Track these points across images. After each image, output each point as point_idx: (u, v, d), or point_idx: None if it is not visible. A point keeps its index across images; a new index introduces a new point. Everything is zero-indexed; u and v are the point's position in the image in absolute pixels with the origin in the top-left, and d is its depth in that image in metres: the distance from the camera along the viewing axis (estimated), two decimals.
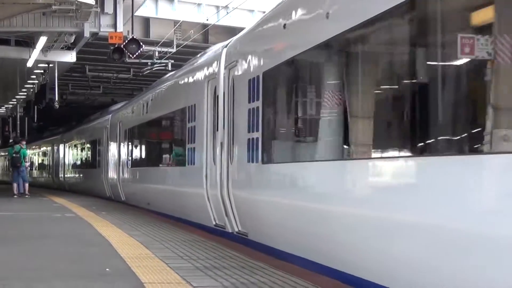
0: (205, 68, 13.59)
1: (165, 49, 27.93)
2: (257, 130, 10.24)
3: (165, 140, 17.89)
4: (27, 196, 26.67)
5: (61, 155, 38.90)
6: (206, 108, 13.14)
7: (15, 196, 26.33)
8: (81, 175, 33.47)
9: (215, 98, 12.60)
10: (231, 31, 26.44)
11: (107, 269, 7.94)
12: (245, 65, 10.96)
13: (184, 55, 28.02)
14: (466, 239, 5.27)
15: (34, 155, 51.42)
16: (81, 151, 33.85)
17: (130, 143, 22.01)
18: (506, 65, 5.09)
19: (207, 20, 26.95)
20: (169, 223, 14.81)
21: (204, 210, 13.08)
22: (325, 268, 7.87)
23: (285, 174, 9.36)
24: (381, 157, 6.84)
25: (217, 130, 12.31)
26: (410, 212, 6.06)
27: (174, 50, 27.64)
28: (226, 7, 27.34)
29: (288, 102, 9.59)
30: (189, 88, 15.04)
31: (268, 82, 9.95)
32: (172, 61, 28.19)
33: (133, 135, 21.63)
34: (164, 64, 28.48)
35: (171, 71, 24.81)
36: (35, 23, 22.64)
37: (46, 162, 46.65)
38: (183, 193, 15.00)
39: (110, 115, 26.54)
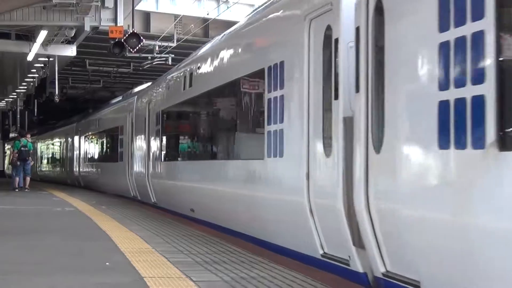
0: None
1: (165, 44, 27.91)
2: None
3: (223, 121, 12.64)
4: (27, 190, 26.67)
5: (76, 146, 34.41)
6: (307, 65, 8.37)
7: (16, 190, 26.34)
8: (98, 169, 29.00)
9: (328, 45, 7.90)
10: (231, 25, 26.40)
11: (107, 263, 7.96)
12: None
13: (184, 50, 28.03)
14: None
15: (45, 147, 48.17)
16: (99, 141, 29.40)
17: (164, 130, 17.34)
18: None
19: (208, 14, 26.96)
20: (169, 217, 14.83)
21: (300, 230, 8.55)
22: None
23: None
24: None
25: (336, 98, 7.54)
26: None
27: (174, 44, 27.63)
28: (227, 1, 27.35)
29: None
30: (269, 38, 10.14)
31: None
32: (172, 55, 28.19)
33: (169, 118, 17.11)
34: (164, 59, 28.47)
35: (172, 66, 24.81)
36: (35, 17, 22.60)
37: (58, 155, 41.97)
38: (256, 200, 10.12)
39: (135, 97, 22.21)
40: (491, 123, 4.87)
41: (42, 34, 23.97)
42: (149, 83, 23.27)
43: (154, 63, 29.14)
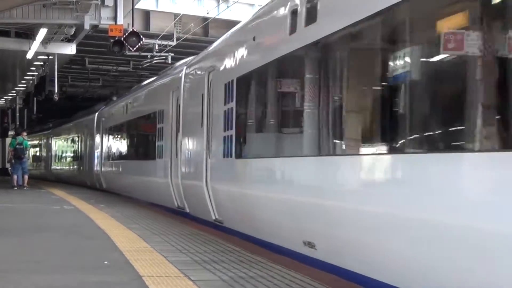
0: None
1: (165, 42, 27.89)
2: None
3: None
4: (25, 188, 26.67)
5: (97, 140, 28.56)
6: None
7: (15, 188, 26.34)
8: (126, 169, 22.72)
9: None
10: (232, 24, 26.43)
11: (106, 262, 7.96)
12: None
13: (184, 49, 28.04)
14: None
15: (61, 142, 41.93)
16: (128, 133, 23.16)
17: (244, 106, 11.05)
18: None
19: (208, 13, 26.95)
20: (167, 216, 14.82)
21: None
22: None
23: None
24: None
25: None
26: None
27: (174, 43, 27.61)
28: (227, 0, 27.34)
29: None
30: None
31: None
32: (172, 54, 28.18)
33: (255, 88, 10.65)
34: (164, 57, 28.47)
35: (171, 64, 24.79)
36: (35, 15, 22.61)
37: (76, 152, 35.64)
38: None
39: (184, 69, 15.60)
40: None
41: (42, 32, 23.97)
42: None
43: (153, 62, 29.14)
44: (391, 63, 6.50)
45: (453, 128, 5.65)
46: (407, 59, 6.22)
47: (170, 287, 6.50)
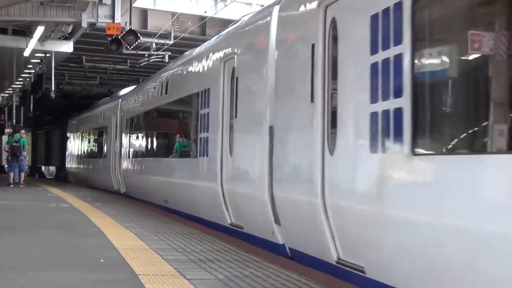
0: None
1: (162, 41, 27.86)
2: None
3: None
4: (21, 185, 26.65)
5: (118, 134, 23.45)
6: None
7: (11, 186, 26.31)
8: (150, 169, 18.39)
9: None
10: (229, 23, 26.42)
11: (102, 260, 7.97)
12: None
13: (182, 47, 28.02)
14: None
15: (80, 137, 34.47)
16: (162, 122, 18.37)
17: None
18: None
19: (205, 12, 26.93)
20: (163, 215, 14.82)
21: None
22: None
23: None
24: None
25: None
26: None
27: (171, 42, 27.60)
28: None
29: None
30: None
31: None
32: (169, 53, 28.16)
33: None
34: (161, 56, 28.46)
35: (168, 63, 24.79)
36: (32, 12, 22.60)
37: (98, 148, 28.90)
38: None
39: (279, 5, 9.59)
40: None
41: (39, 30, 23.96)
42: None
43: (151, 61, 29.11)
44: None
45: None
46: None
47: (166, 286, 6.51)
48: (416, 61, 5.79)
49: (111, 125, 24.88)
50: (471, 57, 5.42)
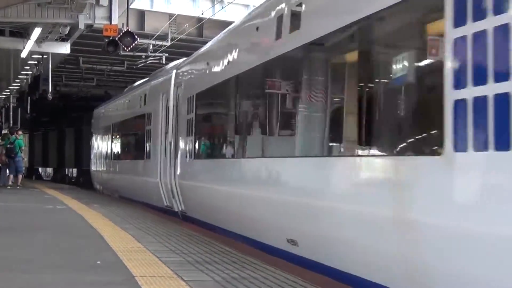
0: None
1: (159, 42, 27.87)
2: None
3: None
4: (18, 187, 26.62)
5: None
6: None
7: (8, 187, 26.29)
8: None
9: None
10: (226, 25, 26.45)
11: (99, 262, 7.95)
12: None
13: (179, 49, 28.02)
14: None
15: (120, 132, 24.44)
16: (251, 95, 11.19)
17: None
18: None
19: (202, 14, 26.94)
20: (161, 217, 14.81)
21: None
22: None
23: None
24: None
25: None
26: None
27: (168, 43, 27.60)
28: (221, 1, 27.35)
29: None
30: None
31: None
32: (167, 54, 28.16)
33: None
34: (158, 58, 28.45)
35: (165, 64, 24.77)
36: (30, 14, 22.56)
37: (138, 146, 20.63)
38: None
39: None
40: None
41: (37, 31, 23.94)
42: None
43: (148, 62, 29.11)
44: None
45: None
46: None
47: None
48: None
49: (157, 110, 17.34)
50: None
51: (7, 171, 27.50)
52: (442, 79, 5.67)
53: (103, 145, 27.25)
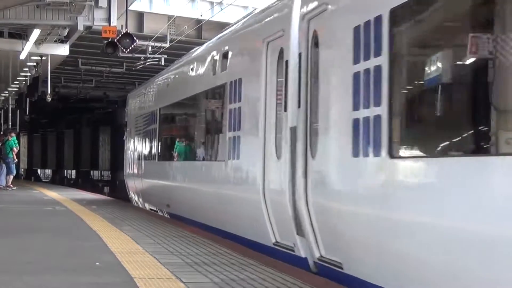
0: None
1: (158, 44, 27.88)
2: None
3: None
4: (13, 188, 26.55)
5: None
6: None
7: (8, 189, 26.25)
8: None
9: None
10: (224, 27, 26.49)
11: (98, 264, 7.96)
12: None
13: (178, 51, 28.04)
14: None
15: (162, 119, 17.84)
16: None
17: None
18: None
19: (201, 15, 26.96)
20: (160, 218, 14.81)
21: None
22: None
23: None
24: None
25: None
26: None
27: (167, 45, 27.62)
28: (220, 3, 27.37)
29: None
30: None
31: None
32: (165, 56, 28.17)
33: None
34: (157, 59, 28.46)
35: (164, 66, 24.77)
36: (28, 15, 22.57)
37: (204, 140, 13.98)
38: None
39: None
40: None
41: (35, 33, 23.94)
42: None
43: (147, 64, 29.12)
44: None
45: None
46: None
47: None
48: None
49: (256, 73, 10.19)
50: None
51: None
52: None
53: (146, 140, 19.47)
